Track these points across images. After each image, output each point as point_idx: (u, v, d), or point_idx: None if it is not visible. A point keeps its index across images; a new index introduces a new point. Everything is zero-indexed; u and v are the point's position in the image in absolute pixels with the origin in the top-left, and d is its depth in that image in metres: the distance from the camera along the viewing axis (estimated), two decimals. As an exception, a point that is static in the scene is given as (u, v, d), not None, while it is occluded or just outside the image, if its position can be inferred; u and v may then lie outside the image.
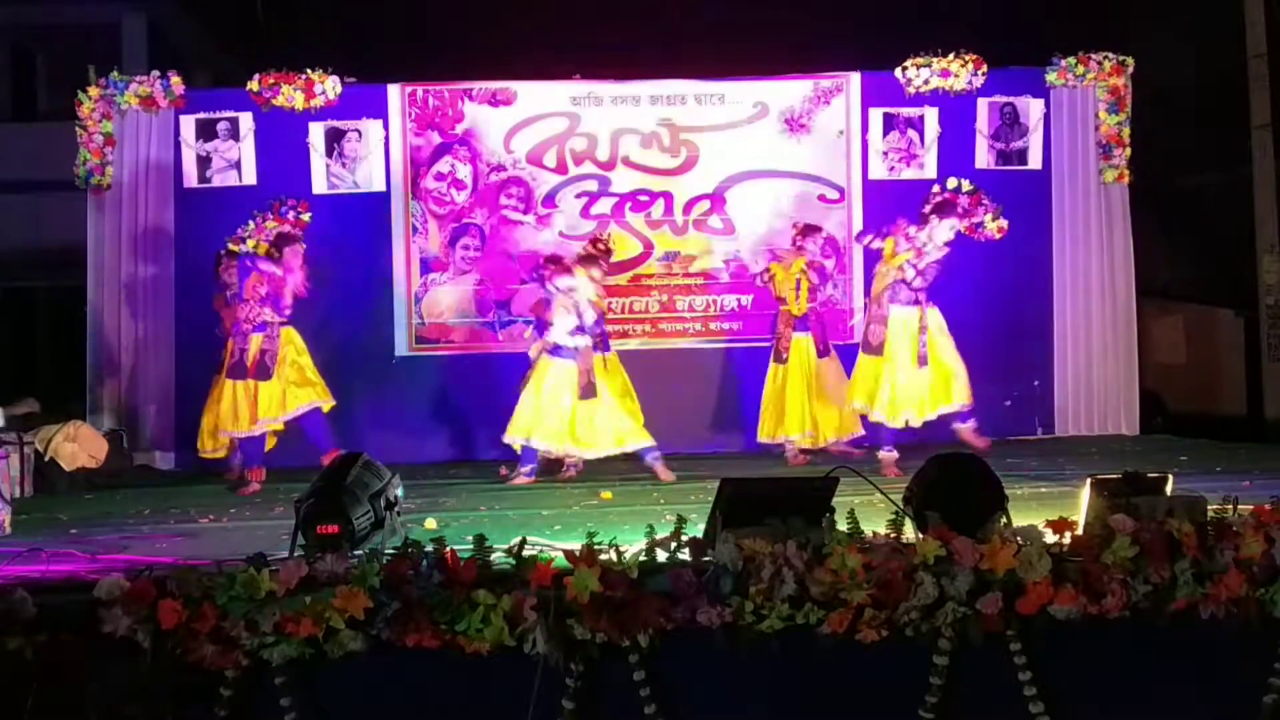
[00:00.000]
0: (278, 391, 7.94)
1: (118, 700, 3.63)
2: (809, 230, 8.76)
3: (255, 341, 7.91)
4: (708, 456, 8.85)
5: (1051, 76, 10.09)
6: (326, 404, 8.17)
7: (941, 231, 7.73)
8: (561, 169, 9.97)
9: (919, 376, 7.70)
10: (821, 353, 8.64)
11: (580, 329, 7.85)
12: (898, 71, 9.98)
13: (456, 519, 5.99)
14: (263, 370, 7.89)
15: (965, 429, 7.85)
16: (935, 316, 7.79)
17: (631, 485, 7.43)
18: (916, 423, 7.75)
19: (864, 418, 8.11)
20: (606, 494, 7.03)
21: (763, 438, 8.74)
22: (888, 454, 7.67)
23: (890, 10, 12.32)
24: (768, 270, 8.87)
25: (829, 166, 10.03)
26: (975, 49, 10.00)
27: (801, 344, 8.63)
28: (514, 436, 7.89)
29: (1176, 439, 9.90)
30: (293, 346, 8.10)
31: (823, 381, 8.58)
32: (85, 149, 9.66)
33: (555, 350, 7.87)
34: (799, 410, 8.54)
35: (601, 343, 8.24)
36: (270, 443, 8.17)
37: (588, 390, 7.76)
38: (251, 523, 6.33)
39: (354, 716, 3.85)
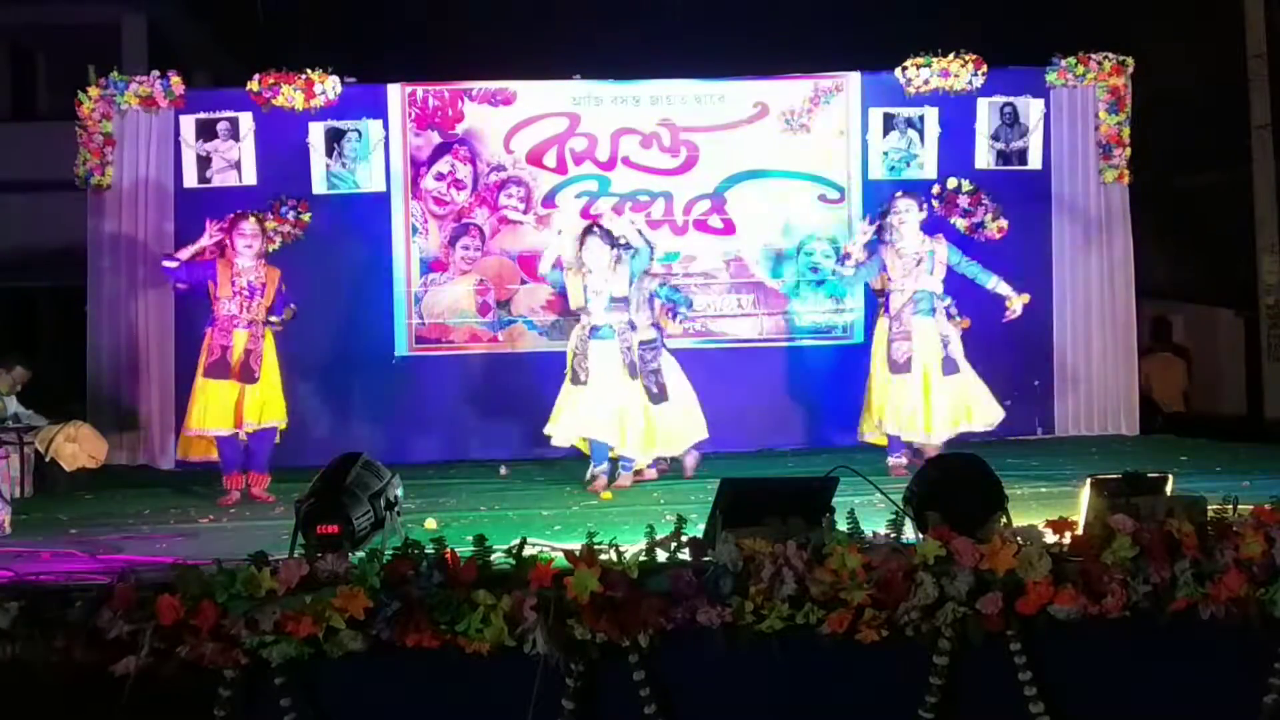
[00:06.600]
0: (261, 397, 7.40)
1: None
2: None
3: (240, 339, 7.37)
4: (707, 456, 8.83)
5: (1051, 76, 10.07)
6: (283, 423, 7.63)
7: (908, 225, 7.70)
8: (561, 169, 9.96)
9: (949, 384, 7.64)
10: None
11: None
12: (898, 71, 9.96)
13: (456, 519, 5.99)
14: (248, 373, 7.36)
15: None
16: (955, 329, 7.75)
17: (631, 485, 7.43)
18: (954, 434, 7.63)
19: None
20: (607, 494, 7.04)
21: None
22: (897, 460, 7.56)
23: (890, 10, 12.33)
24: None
25: (829, 166, 10.02)
26: (975, 49, 9.99)
27: None
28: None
29: (1176, 439, 9.89)
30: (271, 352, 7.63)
31: None
32: (85, 149, 9.64)
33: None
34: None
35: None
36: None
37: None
38: (251, 523, 6.33)
39: (354, 716, 3.85)
